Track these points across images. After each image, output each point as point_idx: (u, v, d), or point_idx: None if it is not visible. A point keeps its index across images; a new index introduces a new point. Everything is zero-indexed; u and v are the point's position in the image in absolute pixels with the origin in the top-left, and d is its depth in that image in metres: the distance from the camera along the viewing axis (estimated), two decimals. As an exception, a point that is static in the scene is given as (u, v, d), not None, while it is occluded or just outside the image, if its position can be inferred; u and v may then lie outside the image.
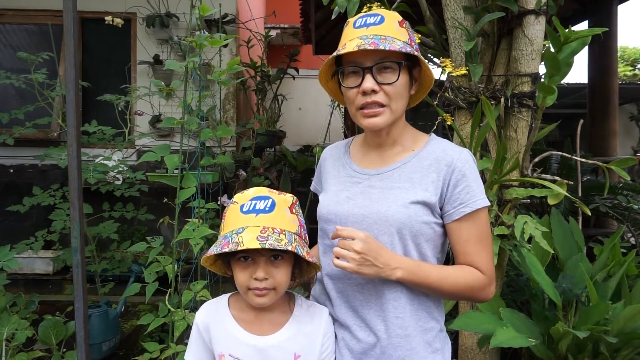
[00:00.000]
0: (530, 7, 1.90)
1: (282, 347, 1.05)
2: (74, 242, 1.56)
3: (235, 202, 1.04)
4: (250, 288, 1.01)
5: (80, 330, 1.60)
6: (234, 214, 1.02)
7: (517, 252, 1.90)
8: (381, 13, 1.10)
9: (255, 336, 1.06)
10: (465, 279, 1.07)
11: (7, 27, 4.62)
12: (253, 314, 1.08)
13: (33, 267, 4.14)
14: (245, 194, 1.04)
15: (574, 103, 8.23)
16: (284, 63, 4.97)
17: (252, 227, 0.98)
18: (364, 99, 1.07)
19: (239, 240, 0.95)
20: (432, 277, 1.05)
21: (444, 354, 1.15)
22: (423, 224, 1.07)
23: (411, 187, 1.09)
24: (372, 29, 1.06)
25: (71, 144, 1.56)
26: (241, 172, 4.18)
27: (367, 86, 1.05)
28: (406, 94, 1.11)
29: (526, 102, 1.95)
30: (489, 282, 1.09)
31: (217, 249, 0.98)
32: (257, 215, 1.00)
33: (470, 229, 1.08)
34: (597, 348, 1.83)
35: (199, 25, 2.39)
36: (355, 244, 0.98)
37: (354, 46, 1.02)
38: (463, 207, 1.07)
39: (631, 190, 3.34)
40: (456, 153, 1.11)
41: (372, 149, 1.19)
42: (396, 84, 1.06)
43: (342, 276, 1.12)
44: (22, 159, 4.47)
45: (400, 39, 1.06)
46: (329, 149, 1.32)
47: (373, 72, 1.05)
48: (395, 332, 1.08)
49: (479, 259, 1.08)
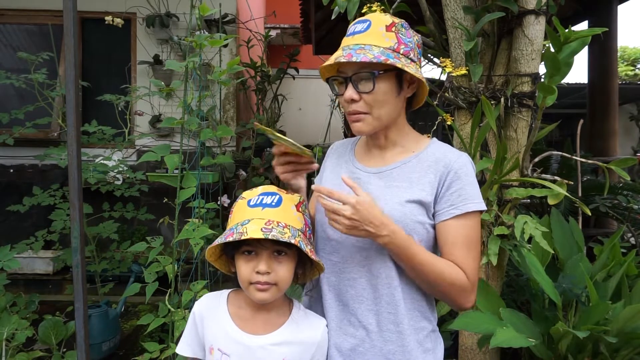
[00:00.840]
0: (530, 7, 1.90)
1: (272, 350, 1.04)
2: (74, 242, 1.56)
3: (243, 198, 1.06)
4: (252, 282, 1.01)
5: (80, 330, 1.60)
6: (241, 208, 1.05)
7: (517, 252, 1.90)
8: (370, 18, 1.10)
9: (247, 334, 1.05)
10: (450, 274, 1.05)
11: (7, 27, 4.63)
12: (250, 312, 1.08)
13: (33, 267, 4.14)
14: (254, 190, 1.07)
15: (574, 103, 8.23)
16: (284, 63, 4.97)
17: (257, 219, 0.99)
18: (348, 106, 1.11)
19: (244, 231, 0.96)
20: (418, 258, 1.03)
21: (435, 354, 1.15)
22: (417, 223, 1.08)
23: (409, 187, 1.10)
24: (357, 37, 1.09)
25: (71, 144, 1.57)
26: (241, 172, 4.18)
27: (347, 96, 1.09)
28: (391, 100, 1.10)
29: (526, 102, 1.95)
30: (471, 288, 1.08)
31: (222, 239, 1.00)
32: (263, 209, 1.01)
33: (457, 232, 1.08)
34: (597, 348, 1.83)
35: (199, 25, 2.39)
36: (345, 210, 0.99)
37: (333, 58, 1.07)
38: (453, 208, 1.08)
39: (631, 190, 3.34)
40: (455, 156, 1.13)
41: (374, 148, 1.21)
42: (374, 92, 1.07)
43: (336, 270, 1.13)
44: (22, 159, 4.47)
45: (381, 45, 1.06)
46: (335, 145, 1.35)
47: (353, 81, 1.08)
48: (387, 326, 1.09)
49: (464, 264, 1.07)
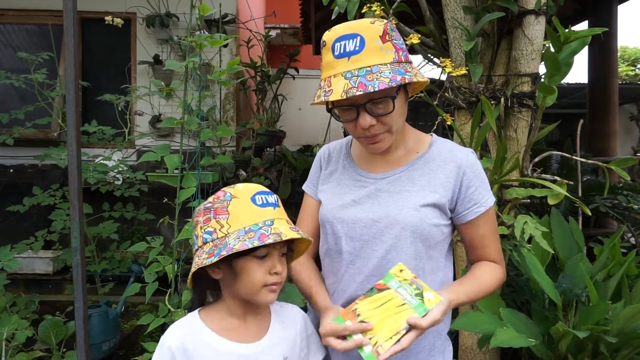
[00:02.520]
0: (530, 7, 1.90)
1: (271, 352, 1.03)
2: (73, 242, 1.56)
3: (236, 197, 0.99)
4: (266, 284, 0.99)
5: (80, 330, 1.60)
6: (246, 207, 0.98)
7: (517, 252, 1.90)
8: (358, 32, 0.99)
9: (242, 344, 1.01)
10: (493, 282, 1.14)
11: (7, 27, 4.62)
12: (236, 321, 1.04)
13: (33, 267, 4.13)
14: (245, 188, 1.01)
15: (574, 103, 8.23)
16: (284, 63, 4.97)
17: (277, 219, 0.99)
18: (364, 132, 1.05)
19: (278, 232, 0.94)
20: (472, 299, 1.09)
21: (444, 355, 1.15)
22: (433, 226, 1.08)
23: (420, 190, 1.09)
24: (354, 59, 0.98)
25: (71, 144, 1.57)
26: (241, 172, 4.18)
27: (365, 124, 1.02)
28: (404, 110, 1.09)
29: (526, 102, 1.95)
30: (504, 269, 1.19)
31: (253, 241, 0.92)
32: (274, 209, 1.00)
33: (485, 225, 1.14)
34: (597, 348, 1.82)
35: (199, 25, 2.39)
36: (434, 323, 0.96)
37: (342, 93, 0.96)
38: (478, 207, 1.11)
39: (631, 190, 3.34)
40: (463, 154, 1.13)
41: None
42: (393, 112, 1.03)
43: (353, 281, 1.11)
44: (22, 159, 4.47)
45: (386, 61, 0.99)
46: (326, 149, 1.30)
47: (367, 108, 1.01)
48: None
49: (493, 250, 1.17)
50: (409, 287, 0.99)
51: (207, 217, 1.00)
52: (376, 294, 1.00)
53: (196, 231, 1.02)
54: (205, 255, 0.96)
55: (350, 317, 0.98)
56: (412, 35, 1.92)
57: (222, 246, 0.94)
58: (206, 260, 0.94)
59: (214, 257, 0.93)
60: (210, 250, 0.96)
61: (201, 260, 0.96)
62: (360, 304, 1.00)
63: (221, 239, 0.96)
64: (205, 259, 0.95)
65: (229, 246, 0.93)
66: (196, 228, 1.03)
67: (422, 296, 0.97)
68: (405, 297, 0.98)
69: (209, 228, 0.99)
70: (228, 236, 0.96)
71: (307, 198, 1.29)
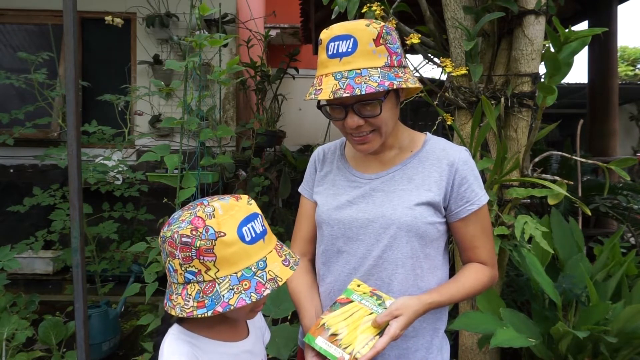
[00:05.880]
0: (530, 7, 1.90)
1: (258, 341, 1.10)
2: (73, 242, 1.56)
3: (221, 236, 0.86)
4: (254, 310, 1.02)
5: (80, 330, 1.60)
6: (233, 249, 0.87)
7: (517, 252, 1.90)
8: (352, 33, 1.00)
9: (240, 342, 1.06)
10: (477, 284, 1.12)
11: (7, 27, 4.62)
12: (225, 327, 1.04)
13: (33, 267, 4.13)
14: (228, 219, 0.88)
15: (574, 103, 8.24)
16: (284, 63, 4.97)
17: (269, 254, 0.93)
18: (352, 131, 1.07)
19: (273, 276, 0.90)
20: (450, 301, 1.09)
21: (442, 354, 1.15)
22: (428, 224, 1.08)
23: (414, 189, 1.09)
24: (345, 61, 0.99)
25: (71, 144, 1.57)
26: (241, 172, 4.18)
27: (352, 124, 1.04)
28: (394, 112, 1.10)
29: (526, 102, 1.95)
30: (494, 271, 1.16)
31: (251, 294, 0.86)
32: (263, 239, 0.93)
33: (476, 225, 1.12)
34: (597, 348, 1.82)
35: (199, 25, 2.39)
36: (398, 334, 0.97)
37: (330, 92, 0.98)
38: (469, 205, 1.10)
39: (631, 190, 3.34)
40: (456, 152, 1.13)
41: (369, 153, 1.18)
42: (381, 114, 1.04)
43: (349, 280, 1.12)
44: (22, 159, 4.47)
45: (377, 65, 1.00)
46: (320, 150, 1.30)
47: (355, 109, 1.03)
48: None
49: (484, 252, 1.14)
50: (371, 299, 1.03)
51: (188, 255, 0.87)
52: (341, 308, 1.03)
53: (173, 264, 0.89)
54: (194, 303, 0.86)
55: (319, 333, 1.00)
56: (412, 35, 1.92)
57: (212, 295, 0.86)
58: (197, 310, 0.85)
59: (206, 310, 0.85)
60: (198, 296, 0.86)
61: (190, 308, 0.86)
62: (326, 318, 1.02)
63: (209, 282, 0.87)
64: (195, 308, 0.86)
65: (224, 300, 0.85)
66: (172, 261, 0.89)
67: (385, 305, 1.02)
68: (371, 307, 1.02)
69: (191, 268, 0.87)
70: (218, 282, 0.87)
71: (303, 200, 1.29)
